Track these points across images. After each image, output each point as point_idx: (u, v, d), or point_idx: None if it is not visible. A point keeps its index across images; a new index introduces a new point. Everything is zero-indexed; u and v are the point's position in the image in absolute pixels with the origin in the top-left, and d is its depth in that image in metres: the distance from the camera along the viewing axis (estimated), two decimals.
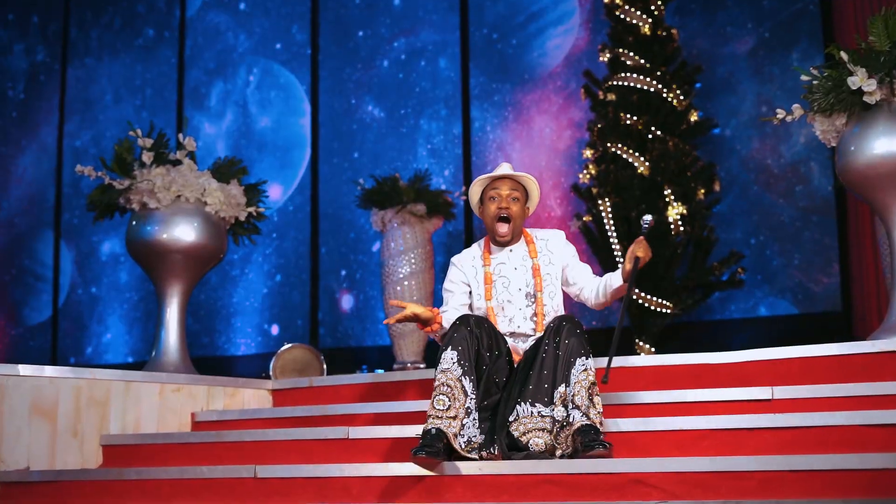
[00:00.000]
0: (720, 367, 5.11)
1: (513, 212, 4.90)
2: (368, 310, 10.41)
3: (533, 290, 4.89)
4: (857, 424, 4.14)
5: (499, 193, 4.91)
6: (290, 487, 4.63)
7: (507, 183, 4.93)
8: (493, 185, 4.94)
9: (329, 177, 10.80)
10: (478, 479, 4.26)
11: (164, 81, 11.74)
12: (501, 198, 4.90)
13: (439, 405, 4.36)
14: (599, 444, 4.24)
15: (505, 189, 4.91)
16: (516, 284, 4.91)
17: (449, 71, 10.50)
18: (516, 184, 4.95)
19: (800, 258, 8.83)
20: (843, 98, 5.17)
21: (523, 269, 4.93)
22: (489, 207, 4.93)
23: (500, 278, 4.93)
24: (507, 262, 4.95)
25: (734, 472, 3.89)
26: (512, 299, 4.89)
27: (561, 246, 4.99)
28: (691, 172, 8.41)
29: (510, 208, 4.89)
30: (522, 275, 4.92)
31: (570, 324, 4.55)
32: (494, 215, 4.91)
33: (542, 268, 4.92)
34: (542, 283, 4.90)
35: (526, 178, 4.97)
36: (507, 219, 4.90)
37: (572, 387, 4.42)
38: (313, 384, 6.06)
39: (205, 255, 6.58)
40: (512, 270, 4.93)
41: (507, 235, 4.91)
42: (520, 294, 4.90)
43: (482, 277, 4.94)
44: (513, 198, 4.91)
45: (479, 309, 4.92)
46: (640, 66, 8.60)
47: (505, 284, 4.91)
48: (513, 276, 4.92)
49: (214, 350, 10.95)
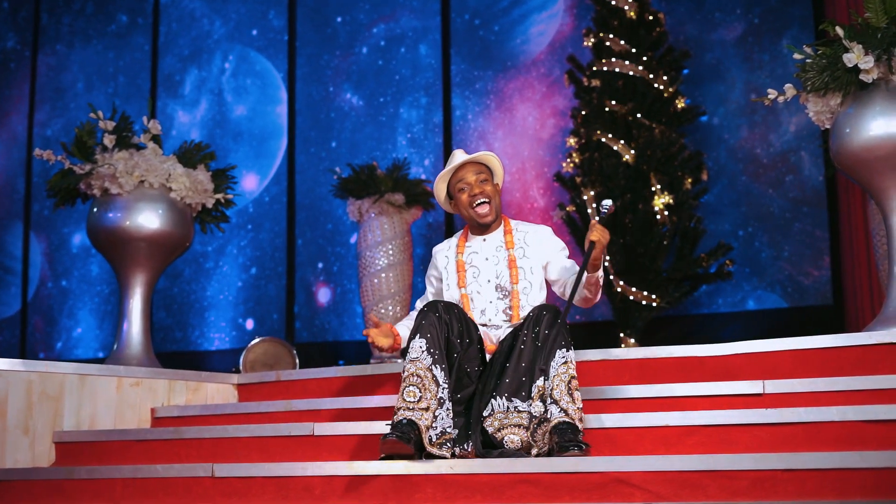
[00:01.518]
0: (708, 360, 4.87)
1: (487, 192, 4.68)
2: (346, 303, 10.19)
3: (506, 284, 4.65)
4: (854, 420, 3.93)
5: (466, 182, 4.69)
6: (250, 487, 4.38)
7: (470, 168, 4.71)
8: (457, 177, 4.72)
9: (306, 167, 10.58)
10: (449, 478, 4.01)
11: (138, 69, 11.49)
12: (471, 185, 4.68)
13: (410, 397, 4.12)
14: (576, 444, 3.99)
15: (470, 175, 4.69)
16: (485, 275, 4.67)
17: (429, 58, 10.29)
18: (479, 166, 4.73)
19: (790, 250, 8.63)
20: (839, 76, 4.91)
21: (494, 261, 4.70)
22: (461, 199, 4.71)
23: (470, 268, 4.71)
24: (479, 251, 4.73)
25: (724, 470, 3.66)
26: (481, 291, 4.66)
27: (542, 241, 4.74)
28: (678, 161, 8.19)
29: (483, 190, 4.67)
30: (493, 266, 4.68)
31: (551, 313, 4.29)
32: (469, 203, 4.68)
33: (517, 261, 4.67)
34: (518, 276, 4.64)
35: (485, 157, 4.75)
36: (485, 201, 4.66)
37: (551, 380, 4.17)
38: (281, 378, 5.80)
39: (170, 244, 6.35)
40: (482, 261, 4.71)
41: (490, 215, 4.68)
42: (489, 286, 4.66)
43: (454, 266, 4.72)
44: (481, 180, 4.69)
45: (450, 298, 4.69)
46: (625, 51, 8.37)
47: (475, 275, 4.69)
48: (483, 266, 4.69)
49: (187, 345, 10.72)
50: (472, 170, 4.69)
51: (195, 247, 10.65)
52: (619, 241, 8.00)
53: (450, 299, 4.67)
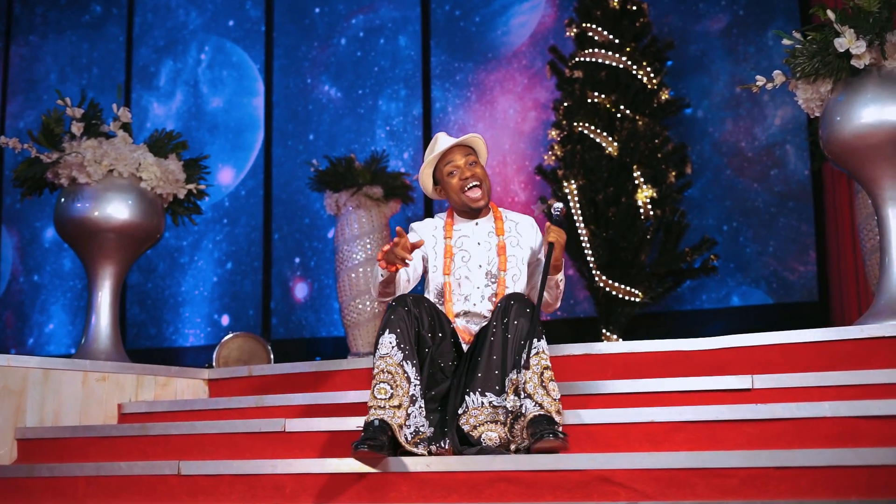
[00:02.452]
0: (694, 354, 4.73)
1: (478, 174, 4.50)
2: (323, 299, 10.05)
3: (495, 270, 4.47)
4: (848, 416, 3.78)
5: (455, 165, 4.49)
6: (217, 486, 4.20)
7: (458, 151, 4.52)
8: (445, 160, 4.52)
9: (283, 160, 10.44)
10: (425, 476, 3.84)
11: (112, 60, 11.33)
12: (460, 168, 4.48)
13: (381, 394, 3.94)
14: (551, 431, 3.80)
15: (459, 158, 4.49)
16: (476, 260, 4.49)
17: (409, 49, 10.15)
18: (466, 148, 4.54)
19: (775, 245, 8.52)
20: (829, 62, 4.78)
21: (487, 246, 4.52)
22: (451, 182, 4.50)
23: (460, 252, 4.52)
24: (470, 235, 4.54)
25: (713, 468, 3.49)
26: (470, 276, 4.47)
27: (532, 232, 4.58)
28: (662, 154, 8.05)
29: (474, 173, 4.48)
30: (485, 251, 4.51)
31: (520, 303, 4.12)
32: (461, 187, 4.48)
33: (507, 248, 4.50)
34: (507, 263, 4.47)
35: (471, 139, 4.57)
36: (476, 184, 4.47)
37: (523, 373, 4.00)
38: (253, 373, 5.64)
39: (140, 235, 6.17)
40: (475, 245, 4.52)
41: (482, 199, 4.50)
42: (479, 271, 4.48)
43: (442, 249, 4.53)
44: (471, 162, 4.50)
45: (434, 284, 4.50)
46: (608, 41, 8.23)
47: (465, 259, 4.50)
48: (475, 251, 4.51)
49: (162, 341, 10.58)
50: (461, 152, 4.50)
51: (170, 241, 10.53)
52: (602, 235, 7.86)
53: (433, 284, 4.50)
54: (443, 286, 4.46)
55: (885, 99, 4.72)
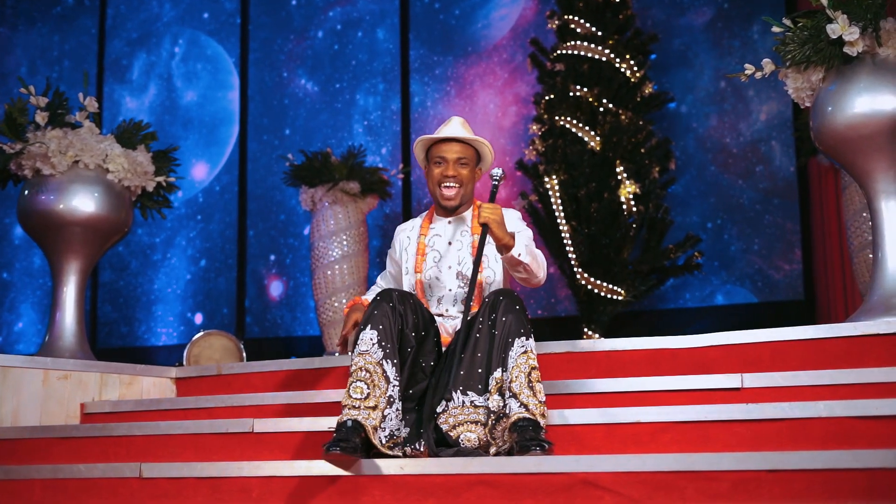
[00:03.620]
0: (681, 352, 4.55)
1: (461, 177, 4.30)
2: (299, 297, 9.90)
3: (466, 271, 4.31)
4: (843, 416, 3.60)
5: (444, 157, 4.29)
6: (181, 489, 4.01)
7: (456, 146, 4.31)
8: (440, 148, 4.31)
9: (258, 155, 10.30)
10: (399, 479, 3.65)
11: (84, 52, 11.14)
12: (448, 163, 4.28)
13: (356, 393, 3.75)
14: (537, 443, 3.63)
15: (452, 153, 4.29)
16: (447, 261, 4.33)
17: (387, 42, 10.02)
18: (465, 146, 4.33)
19: (760, 243, 8.43)
20: (821, 49, 4.60)
21: (458, 245, 4.35)
22: (433, 171, 4.32)
23: (431, 251, 4.36)
24: (442, 234, 4.38)
25: (702, 471, 3.30)
26: (441, 277, 4.31)
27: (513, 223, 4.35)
28: (645, 149, 7.89)
29: (458, 174, 4.29)
30: (455, 251, 4.34)
31: (508, 299, 3.93)
32: (438, 181, 4.30)
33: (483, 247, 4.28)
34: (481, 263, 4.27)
35: (477, 142, 4.36)
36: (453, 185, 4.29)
37: (509, 372, 3.81)
38: (222, 372, 5.43)
39: (106, 229, 5.96)
40: (445, 245, 4.36)
41: (453, 200, 4.30)
42: (449, 273, 4.31)
43: (414, 248, 4.37)
44: (461, 162, 4.30)
45: (407, 286, 4.34)
46: (590, 34, 8.09)
47: (435, 259, 4.34)
48: (445, 251, 4.34)
49: (134, 340, 10.41)
50: (457, 148, 4.29)
51: (142, 238, 10.35)
52: (584, 232, 7.71)
53: (406, 284, 4.34)
54: (415, 285, 4.31)
55: (879, 88, 4.55)
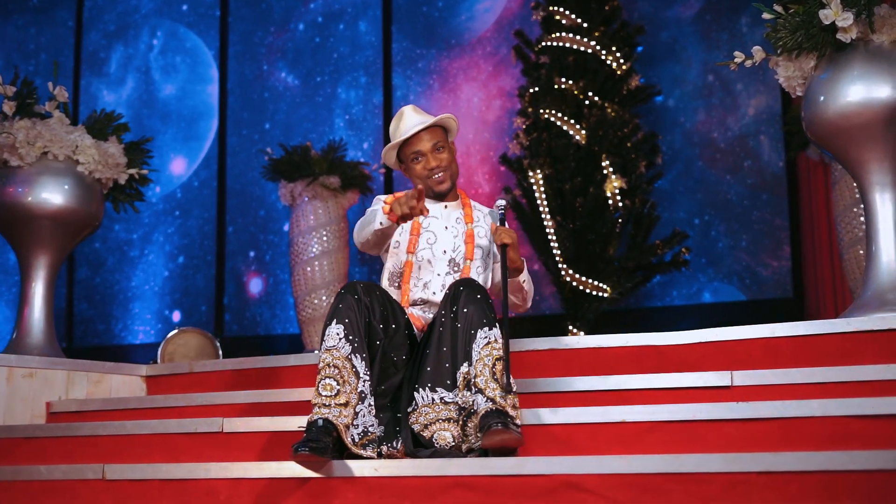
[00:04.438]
0: (668, 349, 4.40)
1: (445, 161, 4.17)
2: (279, 294, 9.76)
3: (459, 259, 4.18)
4: (838, 415, 3.44)
5: (420, 152, 4.15)
6: (145, 491, 3.86)
7: (424, 136, 4.16)
8: (411, 146, 4.16)
9: (238, 149, 10.17)
10: (373, 481, 3.50)
11: (61, 45, 10.99)
12: (426, 156, 4.14)
13: (326, 391, 3.59)
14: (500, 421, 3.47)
15: (425, 144, 4.15)
16: (442, 245, 4.19)
17: (370, 35, 9.89)
18: (434, 130, 4.18)
19: (748, 240, 8.31)
20: (814, 35, 4.44)
21: (454, 232, 4.21)
22: (415, 168, 4.17)
23: (426, 232, 4.20)
24: (439, 217, 4.23)
25: (691, 473, 3.16)
26: (433, 261, 4.17)
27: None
28: (632, 143, 7.75)
29: (441, 161, 4.15)
30: (451, 238, 4.20)
31: (469, 288, 3.79)
32: (425, 176, 4.16)
33: (475, 238, 4.21)
34: (473, 253, 4.19)
35: (442, 120, 4.22)
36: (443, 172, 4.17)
37: (474, 365, 3.67)
38: (194, 370, 5.27)
39: (76, 222, 5.79)
40: (442, 228, 4.21)
41: (446, 183, 4.19)
42: (443, 257, 4.18)
43: (408, 226, 4.20)
44: (437, 148, 4.15)
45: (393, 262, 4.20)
46: (576, 25, 7.95)
47: (430, 241, 4.19)
48: (441, 234, 4.20)
49: (110, 338, 10.27)
50: (427, 136, 4.15)
51: (119, 234, 10.21)
52: (569, 227, 7.56)
53: (392, 262, 4.18)
54: (403, 266, 4.16)
55: (873, 76, 4.39)
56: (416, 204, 3.72)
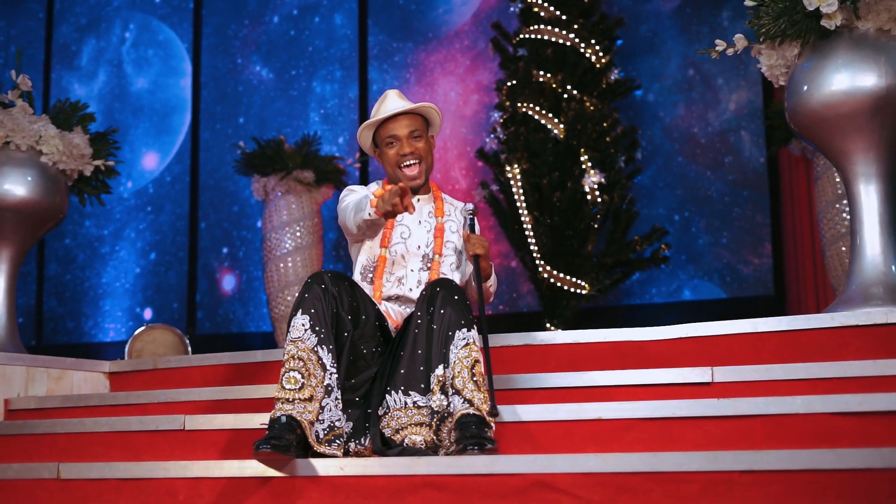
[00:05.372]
0: (648, 345, 4.30)
1: (420, 150, 4.03)
2: (252, 292, 9.63)
3: (431, 252, 4.04)
4: (823, 412, 3.33)
5: (396, 136, 4.01)
6: (102, 491, 3.71)
7: (404, 120, 4.03)
8: (387, 128, 4.03)
9: (211, 144, 10.04)
10: (339, 480, 3.36)
11: (31, 38, 10.84)
12: (401, 141, 4.00)
13: (290, 384, 3.46)
14: (476, 441, 3.35)
15: (402, 128, 4.01)
16: (416, 240, 4.06)
17: (345, 28, 9.77)
18: (414, 117, 4.05)
19: (728, 237, 8.22)
20: (797, 22, 4.32)
21: (427, 226, 4.09)
22: (388, 153, 4.03)
23: (400, 226, 4.07)
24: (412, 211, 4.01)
25: (669, 472, 3.02)
26: (407, 256, 4.04)
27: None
28: (611, 137, 7.61)
29: (415, 149, 4.01)
30: (425, 232, 4.08)
31: (446, 289, 3.65)
32: (396, 162, 4.02)
33: (446, 232, 4.08)
34: (444, 248, 4.05)
35: (423, 108, 4.08)
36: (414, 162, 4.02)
37: (451, 367, 3.53)
38: (158, 366, 5.11)
39: (40, 215, 5.61)
40: (416, 223, 4.08)
41: (419, 178, 4.04)
42: (417, 252, 4.04)
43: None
44: (415, 135, 4.02)
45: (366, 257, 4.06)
46: (554, 17, 7.82)
47: (404, 235, 4.06)
48: (415, 229, 4.07)
49: (80, 336, 10.11)
50: (406, 122, 4.02)
51: (90, 230, 10.05)
52: (546, 222, 7.44)
53: (365, 256, 4.04)
54: (377, 260, 4.02)
55: (858, 64, 4.27)
56: (398, 201, 3.57)
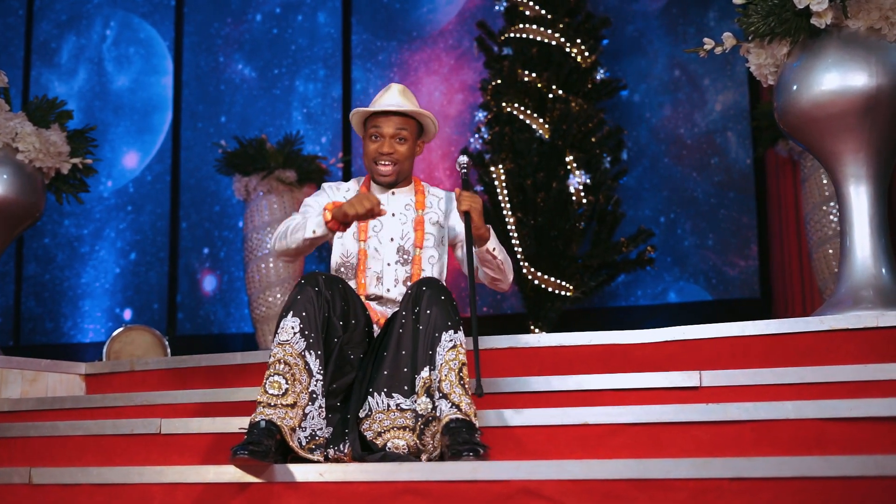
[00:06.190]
0: (634, 348, 4.22)
1: (399, 154, 3.92)
2: (233, 293, 9.55)
3: (409, 246, 3.94)
4: (813, 418, 3.26)
5: (381, 132, 3.91)
6: (75, 496, 3.62)
7: (394, 119, 3.92)
8: (375, 121, 3.93)
9: (192, 143, 9.95)
10: (318, 487, 3.28)
11: (11, 35, 10.75)
12: (384, 139, 3.90)
13: (273, 389, 3.37)
14: (471, 447, 3.27)
15: (390, 127, 3.90)
16: (388, 232, 3.96)
17: (329, 27, 9.69)
18: (406, 119, 3.94)
19: (714, 238, 8.18)
20: (787, 20, 4.26)
21: (402, 219, 3.98)
22: (369, 146, 3.94)
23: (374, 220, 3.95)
24: (386, 204, 3.96)
25: (656, 479, 2.96)
26: (380, 249, 3.93)
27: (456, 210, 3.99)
28: (596, 138, 7.53)
29: (395, 151, 3.91)
30: (399, 224, 3.97)
31: (432, 289, 3.56)
32: (374, 157, 3.93)
33: (426, 224, 3.97)
34: (424, 241, 3.95)
35: (421, 116, 3.98)
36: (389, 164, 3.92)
37: (438, 370, 3.45)
38: (135, 368, 5.01)
39: (16, 214, 5.54)
40: (388, 216, 3.97)
41: (390, 176, 3.94)
42: (391, 245, 3.94)
43: None
44: (399, 137, 3.92)
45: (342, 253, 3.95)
46: (540, 16, 7.77)
47: (376, 229, 3.96)
48: (388, 221, 3.97)
49: (59, 337, 10.01)
50: (395, 121, 3.91)
51: (69, 230, 9.94)
52: (531, 223, 7.36)
53: (342, 253, 3.95)
54: (357, 254, 3.92)
55: (848, 63, 4.22)
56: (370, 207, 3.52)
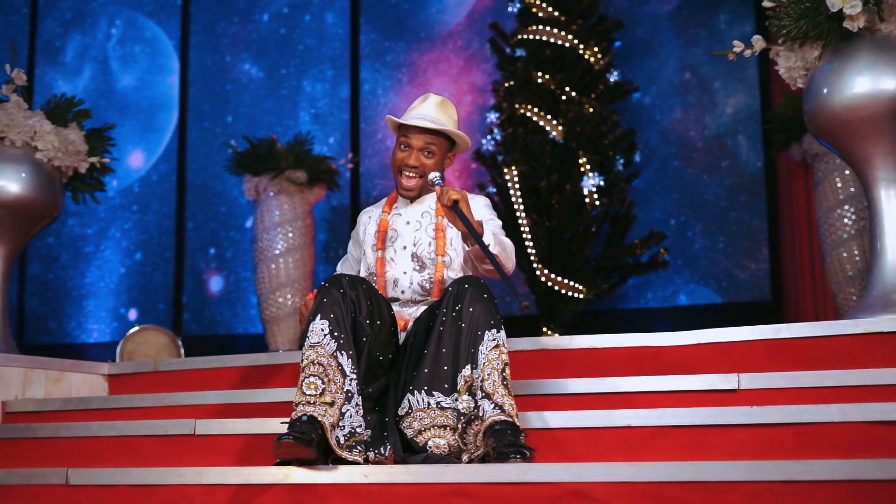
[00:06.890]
0: (665, 350, 4.17)
1: (424, 168, 3.89)
2: (240, 293, 9.50)
3: (424, 253, 3.92)
4: (858, 421, 3.26)
5: (410, 144, 3.88)
6: (112, 497, 3.59)
7: (425, 133, 3.89)
8: (407, 131, 3.90)
9: (198, 143, 9.88)
10: (363, 488, 3.25)
11: (14, 33, 10.62)
12: (412, 151, 3.88)
13: (310, 390, 3.35)
14: (517, 449, 3.24)
15: (420, 140, 3.87)
16: (402, 241, 3.94)
17: (337, 27, 9.64)
18: (436, 136, 3.91)
19: (725, 241, 8.16)
20: (820, 23, 4.24)
21: (416, 226, 3.96)
22: (397, 154, 3.92)
23: (390, 230, 3.98)
24: (402, 213, 3.99)
25: (707, 482, 2.94)
26: (395, 258, 3.92)
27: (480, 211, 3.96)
28: (609, 140, 7.52)
29: (421, 165, 3.88)
30: (412, 231, 3.95)
31: (475, 287, 3.55)
32: (399, 167, 3.92)
33: (447, 230, 3.94)
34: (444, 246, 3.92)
35: (456, 135, 3.93)
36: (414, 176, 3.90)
37: (480, 369, 3.43)
38: (159, 368, 4.99)
39: (34, 212, 5.47)
40: (403, 224, 3.97)
41: (412, 191, 3.94)
42: (404, 253, 3.92)
43: (374, 227, 4.00)
44: (427, 151, 3.88)
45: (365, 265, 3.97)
46: (553, 18, 7.76)
47: (392, 238, 3.96)
48: (403, 230, 3.96)
49: (63, 337, 9.93)
50: (425, 136, 3.88)
51: (74, 229, 9.91)
52: (545, 225, 7.34)
53: (365, 266, 3.96)
54: (375, 264, 3.92)
55: (881, 66, 4.21)
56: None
